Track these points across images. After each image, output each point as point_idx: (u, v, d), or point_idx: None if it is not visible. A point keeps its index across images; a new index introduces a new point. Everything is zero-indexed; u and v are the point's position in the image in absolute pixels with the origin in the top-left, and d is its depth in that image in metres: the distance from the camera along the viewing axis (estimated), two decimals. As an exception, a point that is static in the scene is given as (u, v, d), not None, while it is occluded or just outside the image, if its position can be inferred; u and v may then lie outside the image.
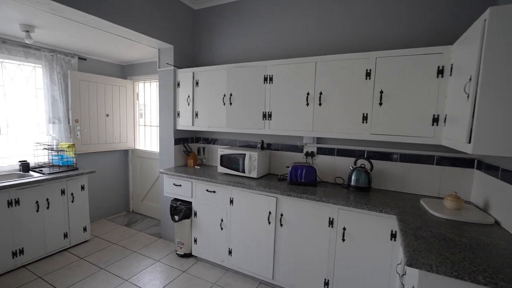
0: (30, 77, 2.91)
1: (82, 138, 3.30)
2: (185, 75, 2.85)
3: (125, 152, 4.01)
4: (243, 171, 2.56)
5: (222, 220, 2.50)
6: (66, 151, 2.94)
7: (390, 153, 2.26)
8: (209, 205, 2.56)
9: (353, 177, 2.22)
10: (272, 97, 2.39)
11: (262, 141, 2.78)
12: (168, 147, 3.03)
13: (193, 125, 2.87)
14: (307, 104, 2.23)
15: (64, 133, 3.16)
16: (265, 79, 2.40)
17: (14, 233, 2.41)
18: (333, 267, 2.00)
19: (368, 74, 1.98)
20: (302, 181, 2.33)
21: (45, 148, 2.89)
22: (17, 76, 2.80)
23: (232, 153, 2.63)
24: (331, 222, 1.98)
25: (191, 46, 3.11)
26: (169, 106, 2.98)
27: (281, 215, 2.19)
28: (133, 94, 3.93)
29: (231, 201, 2.42)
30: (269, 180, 2.52)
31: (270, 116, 2.41)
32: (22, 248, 2.49)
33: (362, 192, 2.16)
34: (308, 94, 2.22)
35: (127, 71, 3.89)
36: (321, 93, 2.17)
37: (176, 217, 2.67)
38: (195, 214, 2.66)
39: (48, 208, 2.65)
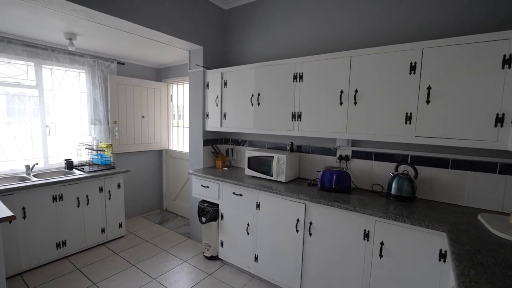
0: (75, 82, 3.15)
1: (120, 139, 3.49)
2: (213, 75, 2.84)
3: (159, 152, 4.16)
4: (271, 175, 2.44)
5: (248, 225, 2.41)
6: (105, 150, 3.12)
7: (440, 158, 1.96)
8: (235, 209, 2.50)
9: (393, 185, 1.97)
10: (302, 96, 2.24)
11: (292, 143, 2.64)
12: (197, 148, 3.04)
13: (221, 126, 2.83)
14: (341, 103, 2.04)
15: (104, 133, 3.36)
16: (295, 77, 2.26)
17: (58, 226, 2.61)
18: (368, 285, 1.78)
19: (412, 68, 1.73)
20: (335, 187, 2.14)
21: (87, 148, 3.09)
22: (64, 81, 3.04)
23: (260, 155, 2.53)
24: (366, 235, 1.77)
25: (220, 46, 3.09)
26: (198, 107, 2.99)
27: (310, 223, 2.02)
28: (167, 96, 4.06)
29: (258, 206, 2.32)
30: (298, 185, 2.37)
31: (299, 116, 2.26)
32: (65, 240, 2.68)
33: (404, 203, 1.90)
34: (341, 92, 2.03)
35: (162, 74, 4.04)
36: (356, 91, 1.96)
37: (203, 219, 2.66)
38: (222, 216, 2.62)
39: (87, 204, 2.83)
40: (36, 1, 1.78)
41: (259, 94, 2.48)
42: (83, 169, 2.97)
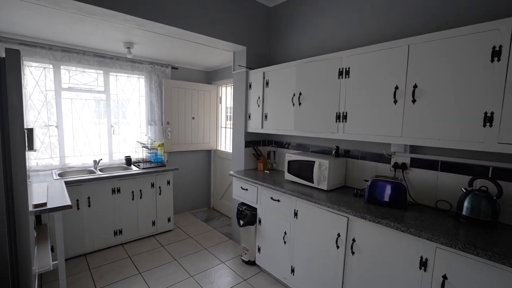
0: (135, 87, 3.49)
1: (172, 138, 3.73)
2: (256, 75, 2.77)
3: (208, 152, 4.32)
4: (312, 181, 2.23)
5: (285, 233, 2.25)
6: (157, 149, 3.37)
7: (539, 173, 1.47)
8: (273, 214, 2.37)
9: (466, 204, 1.56)
10: (348, 94, 1.97)
11: (337, 147, 2.37)
12: (239, 150, 3.02)
13: (262, 127, 2.74)
14: (395, 102, 1.72)
15: (158, 134, 3.64)
16: (340, 73, 2.01)
17: (115, 215, 2.91)
18: (426, 327, 1.44)
19: (496, 54, 1.33)
20: (386, 200, 1.82)
21: (144, 146, 3.39)
22: (126, 86, 3.40)
23: (300, 159, 2.34)
24: (423, 264, 1.43)
25: (264, 46, 3.01)
26: (241, 109, 2.97)
27: (353, 240, 1.76)
28: (217, 98, 4.18)
29: (296, 214, 2.15)
30: (342, 194, 2.10)
31: (345, 117, 2.00)
32: (121, 229, 2.98)
33: (481, 228, 1.48)
34: (396, 88, 1.70)
35: (212, 76, 4.18)
36: (415, 86, 1.62)
37: (241, 222, 2.61)
38: (260, 221, 2.52)
39: (141, 198, 3.09)
40: (94, 15, 1.99)
41: (300, 93, 2.30)
42: (139, 165, 3.27)
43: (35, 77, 2.74)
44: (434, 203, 1.83)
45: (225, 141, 4.18)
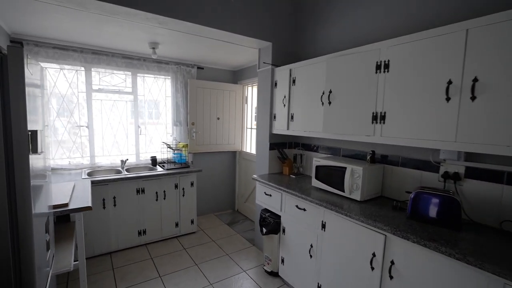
0: (162, 87, 3.50)
1: (196, 139, 3.69)
2: (282, 73, 2.58)
3: (233, 153, 4.22)
4: (343, 190, 1.99)
5: (311, 246, 2.04)
6: (181, 150, 3.34)
7: None
8: (298, 224, 2.16)
9: (545, 229, 1.22)
10: (387, 91, 1.70)
11: (373, 151, 2.09)
12: (263, 152, 2.86)
13: (288, 128, 2.55)
14: (447, 99, 1.42)
15: (183, 134, 3.62)
16: (378, 67, 1.74)
17: (140, 216, 2.92)
18: None
19: None
20: (433, 217, 1.52)
21: (168, 147, 3.38)
22: (153, 87, 3.43)
23: (329, 164, 2.11)
24: (486, 304, 1.13)
25: (291, 41, 2.80)
26: (266, 109, 2.80)
27: (392, 263, 1.49)
28: (242, 97, 4.07)
29: (323, 226, 1.92)
30: (378, 206, 1.83)
31: (383, 118, 1.73)
32: (145, 230, 2.98)
33: None
34: (449, 83, 1.41)
35: (238, 75, 4.07)
36: (475, 80, 1.31)
37: (264, 229, 2.44)
38: (284, 230, 2.33)
39: (164, 199, 3.07)
40: (117, 14, 1.97)
41: (330, 91, 2.06)
42: (163, 166, 3.26)
43: (68, 79, 2.85)
44: (498, 224, 1.49)
45: (251, 142, 4.05)
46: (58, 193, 2.02)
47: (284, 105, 2.55)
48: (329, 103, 2.07)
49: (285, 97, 2.54)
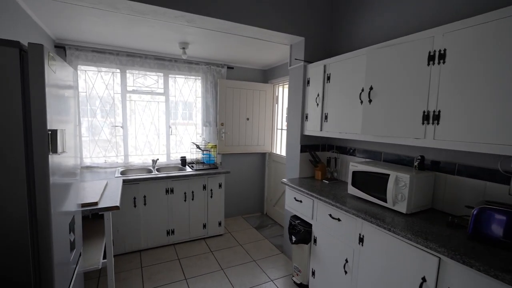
0: (192, 88, 3.51)
1: (225, 140, 3.64)
2: (315, 69, 2.39)
3: (263, 155, 4.09)
4: (384, 200, 1.74)
5: (346, 261, 1.82)
6: (210, 150, 3.31)
7: None
8: (331, 235, 1.96)
9: None
10: (442, 85, 1.44)
11: (422, 156, 1.80)
12: (294, 155, 2.68)
13: (321, 130, 2.35)
14: (528, 94, 1.13)
15: (213, 135, 3.59)
16: (431, 57, 1.48)
17: (168, 216, 2.94)
18: None
19: None
20: (504, 240, 1.23)
21: (197, 147, 3.37)
22: (183, 88, 3.45)
23: (369, 170, 1.87)
24: None
25: (325, 35, 2.59)
26: (297, 108, 2.62)
27: (448, 292, 1.24)
28: (273, 97, 3.93)
29: (361, 240, 1.70)
30: (429, 221, 1.56)
31: (436, 117, 1.47)
32: (173, 229, 2.99)
33: None
34: (531, 73, 1.12)
35: (268, 75, 3.94)
36: None
37: (294, 238, 2.27)
38: (315, 240, 2.14)
39: (192, 199, 3.05)
40: (146, 14, 1.96)
41: (371, 88, 1.83)
42: (192, 166, 3.25)
43: (105, 81, 2.97)
44: None
45: (281, 144, 3.89)
46: (90, 191, 2.07)
47: (317, 104, 2.36)
48: (369, 101, 1.84)
49: (318, 95, 2.35)
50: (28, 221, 0.97)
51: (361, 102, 1.92)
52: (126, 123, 3.14)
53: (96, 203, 1.82)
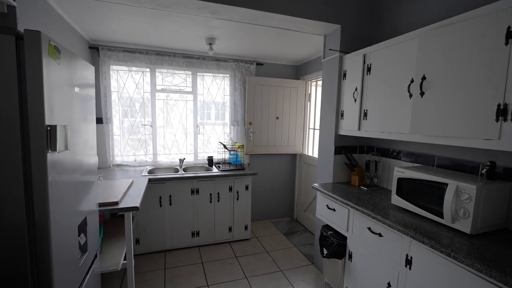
0: (220, 86, 3.41)
1: (253, 140, 3.47)
2: (353, 60, 2.10)
3: (293, 156, 3.85)
4: (440, 215, 1.42)
5: (389, 285, 1.53)
6: (237, 151, 3.17)
7: None
8: (370, 252, 1.67)
9: None
10: (528, 70, 1.09)
11: (493, 162, 1.43)
12: (327, 157, 2.41)
13: (359, 129, 2.05)
14: None
15: (240, 134, 3.45)
16: (510, 34, 1.14)
17: (193, 217, 2.86)
18: None
19: None
20: None
21: (225, 147, 3.26)
22: (211, 86, 3.37)
23: (420, 178, 1.55)
24: None
25: (365, 21, 2.28)
26: (331, 105, 2.35)
27: None
28: (305, 95, 3.67)
29: (408, 262, 1.40)
30: (504, 246, 1.21)
31: (518, 112, 1.12)
32: (199, 231, 2.91)
33: None
34: None
35: (300, 70, 3.69)
36: None
37: (325, 251, 2.01)
38: (350, 256, 1.86)
39: (218, 201, 2.94)
40: (169, 7, 1.87)
41: (423, 78, 1.50)
42: (219, 167, 3.15)
43: (135, 80, 3.01)
44: None
45: (313, 145, 3.61)
46: (115, 189, 2.05)
47: (355, 100, 2.07)
48: (421, 93, 1.52)
49: (356, 90, 2.06)
50: (25, 222, 0.89)
51: (410, 95, 1.60)
52: (155, 122, 3.15)
53: (116, 203, 1.78)
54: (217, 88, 3.39)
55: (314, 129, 3.61)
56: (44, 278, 0.94)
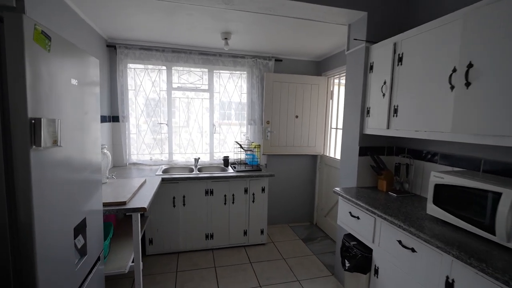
0: (237, 84, 3.29)
1: (271, 140, 3.31)
2: (381, 50, 1.87)
3: (313, 157, 3.63)
4: (491, 231, 1.17)
5: (424, 311, 1.30)
6: (253, 151, 3.02)
7: None
8: (401, 269, 1.45)
9: None
10: None
11: (561, 168, 1.16)
12: (351, 158, 2.19)
13: (388, 127, 1.82)
14: None
15: (257, 134, 3.30)
16: None
17: (207, 218, 2.76)
18: None
19: None
20: None
21: (241, 147, 3.13)
22: (228, 84, 3.26)
23: (464, 184, 1.30)
24: None
25: (395, 5, 2.03)
26: (355, 101, 2.13)
27: None
28: (327, 92, 3.44)
29: (449, 285, 1.17)
30: None
31: None
32: (212, 234, 2.80)
33: None
34: None
35: (322, 66, 3.47)
36: None
37: (347, 263, 1.81)
38: (376, 271, 1.64)
39: (233, 203, 2.82)
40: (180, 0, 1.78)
41: (470, 65, 1.26)
42: (234, 167, 3.02)
43: (151, 78, 2.97)
44: None
45: (336, 145, 3.37)
46: (125, 189, 1.99)
47: (384, 95, 1.84)
48: (467, 84, 1.27)
49: (385, 83, 1.83)
50: (7, 223, 0.81)
51: (452, 87, 1.36)
52: (171, 121, 3.10)
53: (124, 203, 1.71)
54: (234, 85, 3.28)
55: (336, 128, 3.37)
56: (28, 281, 0.85)
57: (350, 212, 1.89)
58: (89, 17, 2.25)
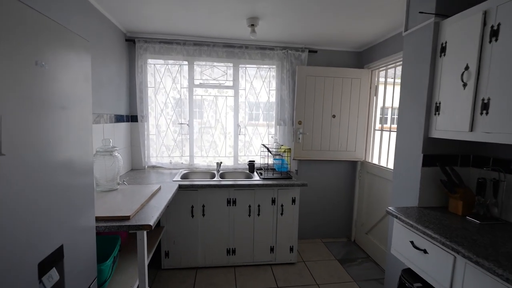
0: (265, 79, 2.92)
1: (303, 143, 2.89)
2: (461, 25, 1.38)
3: (352, 164, 3.14)
4: None
5: None
6: (283, 155, 2.63)
7: None
8: None
9: None
10: None
11: None
12: (410, 169, 1.70)
13: (471, 129, 1.32)
14: None
15: (288, 136, 2.91)
16: None
17: (229, 232, 2.43)
18: None
19: None
20: None
21: (268, 151, 2.75)
22: (255, 80, 2.91)
23: None
24: None
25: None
26: (417, 95, 1.65)
27: None
28: (370, 87, 2.93)
29: None
30: None
31: None
32: (235, 249, 2.46)
33: None
34: None
35: (364, 57, 2.97)
36: None
37: (408, 311, 1.34)
38: (456, 332, 1.16)
39: (258, 215, 2.46)
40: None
41: None
42: (261, 173, 2.66)
43: (172, 74, 2.73)
44: None
45: (380, 150, 2.85)
46: (133, 198, 1.72)
47: (465, 85, 1.34)
48: None
49: (467, 68, 1.33)
50: None
51: None
52: (192, 121, 2.83)
53: (127, 218, 1.43)
54: (261, 81, 2.91)
55: (381, 130, 2.85)
56: None
57: (412, 242, 1.42)
58: (104, 7, 2.04)
